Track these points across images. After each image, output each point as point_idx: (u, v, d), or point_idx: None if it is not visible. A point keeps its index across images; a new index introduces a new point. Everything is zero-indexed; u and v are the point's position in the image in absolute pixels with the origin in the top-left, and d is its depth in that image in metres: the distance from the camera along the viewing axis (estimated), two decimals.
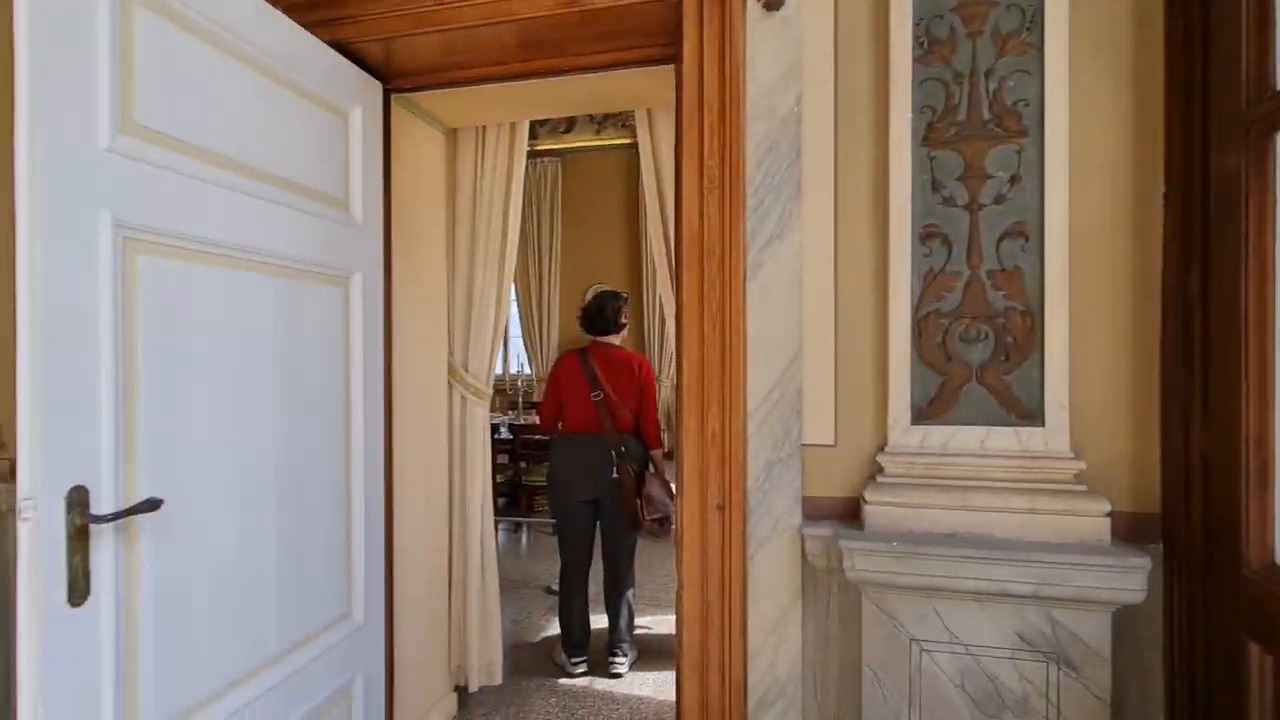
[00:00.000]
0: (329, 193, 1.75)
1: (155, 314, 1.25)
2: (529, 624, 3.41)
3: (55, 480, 1.07)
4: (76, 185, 1.10)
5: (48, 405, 1.06)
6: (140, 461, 1.21)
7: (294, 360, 1.61)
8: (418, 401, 2.32)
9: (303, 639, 1.64)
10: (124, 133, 1.19)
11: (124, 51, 1.19)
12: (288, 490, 1.58)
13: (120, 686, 1.17)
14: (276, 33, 1.56)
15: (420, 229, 2.34)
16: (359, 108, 1.85)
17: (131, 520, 1.19)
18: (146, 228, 1.23)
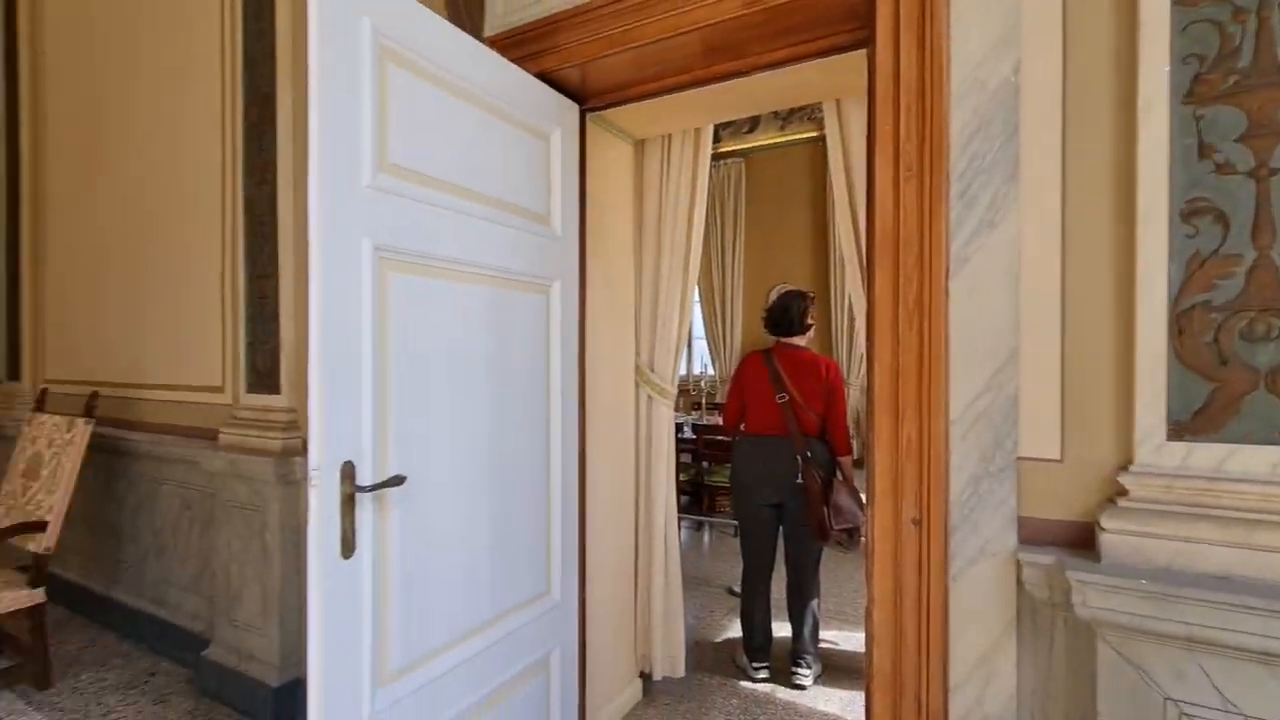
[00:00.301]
0: (533, 209, 1.94)
1: (401, 322, 1.49)
2: (711, 622, 3.45)
3: (333, 456, 1.33)
4: (348, 218, 1.36)
5: (329, 396, 1.32)
6: (390, 444, 1.46)
7: (504, 361, 1.81)
8: (607, 400, 2.47)
9: (509, 609, 1.83)
10: (381, 171, 1.43)
11: (381, 103, 1.44)
12: (498, 476, 1.78)
13: (375, 625, 1.42)
14: (492, 72, 1.77)
15: (610, 236, 2.48)
16: (559, 129, 2.02)
17: (384, 492, 1.44)
18: (396, 249, 1.47)
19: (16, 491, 3.00)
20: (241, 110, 2.71)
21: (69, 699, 2.65)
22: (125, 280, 3.39)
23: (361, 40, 1.38)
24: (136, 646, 3.12)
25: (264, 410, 2.62)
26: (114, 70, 3.45)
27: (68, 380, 3.69)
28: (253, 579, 2.55)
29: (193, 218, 3.03)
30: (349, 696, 1.35)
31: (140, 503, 3.22)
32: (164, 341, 3.20)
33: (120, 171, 3.42)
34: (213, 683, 2.63)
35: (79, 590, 3.48)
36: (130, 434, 3.22)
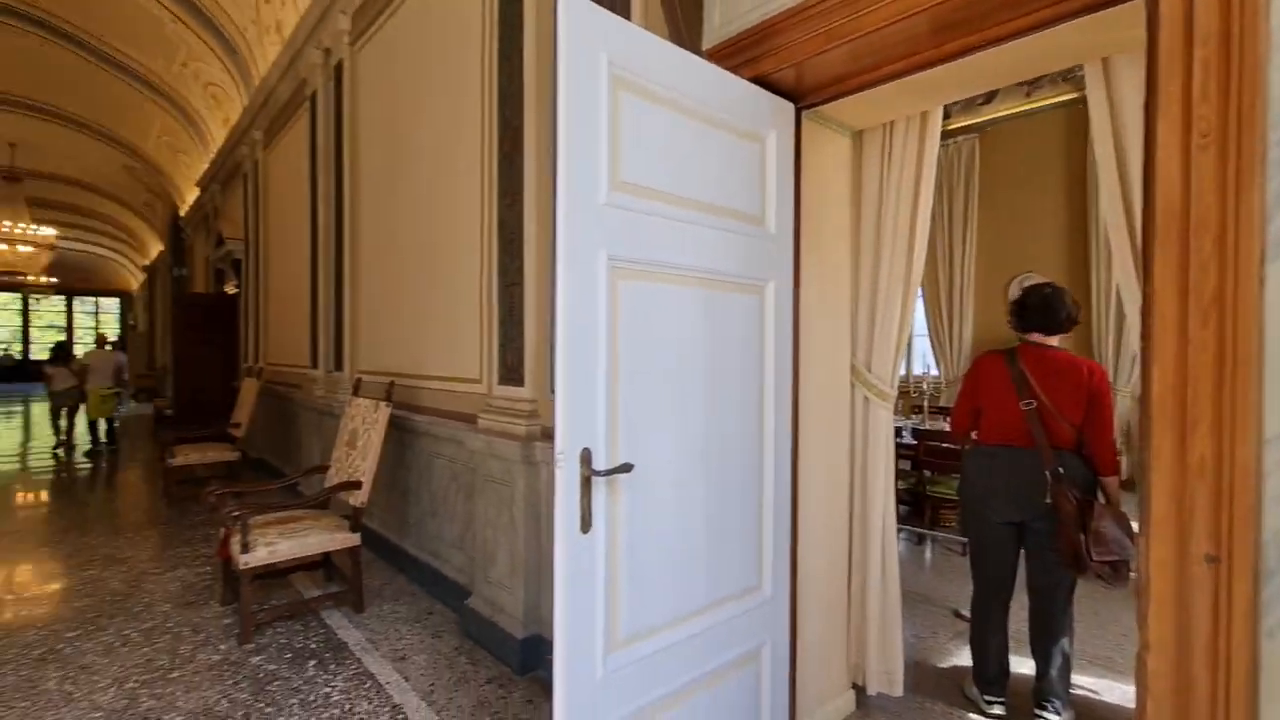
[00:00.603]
0: (748, 211, 1.98)
1: (629, 324, 1.64)
2: (934, 645, 3.18)
3: (575, 442, 1.51)
4: (587, 233, 1.54)
5: (572, 389, 1.51)
6: (619, 434, 1.61)
7: (719, 360, 1.88)
8: (820, 400, 2.42)
9: (722, 598, 1.91)
10: (614, 189, 1.59)
11: (614, 127, 1.60)
12: (713, 470, 1.87)
13: (607, 595, 1.59)
14: (708, 83, 1.85)
15: (825, 232, 2.43)
16: (773, 131, 2.04)
17: (615, 477, 1.60)
18: (625, 259, 1.62)
19: (342, 458, 3.88)
20: (496, 142, 3.18)
21: (375, 623, 3.37)
22: (412, 293, 4.18)
23: (599, 73, 1.55)
24: (419, 589, 3.83)
25: (511, 400, 3.05)
26: (406, 124, 4.27)
27: (373, 371, 4.66)
28: (503, 543, 2.98)
29: (460, 239, 3.63)
30: (586, 656, 1.54)
31: (421, 472, 3.95)
32: (438, 341, 3.89)
33: (409, 212, 4.22)
34: (473, 627, 3.14)
35: (380, 538, 4.37)
36: (414, 415, 3.96)
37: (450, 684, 2.75)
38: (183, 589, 3.82)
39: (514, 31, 3.03)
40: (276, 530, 3.31)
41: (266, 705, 2.58)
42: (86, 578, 4.01)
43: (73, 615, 3.43)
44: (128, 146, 11.48)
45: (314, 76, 5.54)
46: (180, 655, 2.99)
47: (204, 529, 5.12)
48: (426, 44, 4.01)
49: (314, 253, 5.68)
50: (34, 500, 6.26)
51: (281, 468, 6.76)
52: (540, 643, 2.83)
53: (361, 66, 4.88)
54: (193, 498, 6.03)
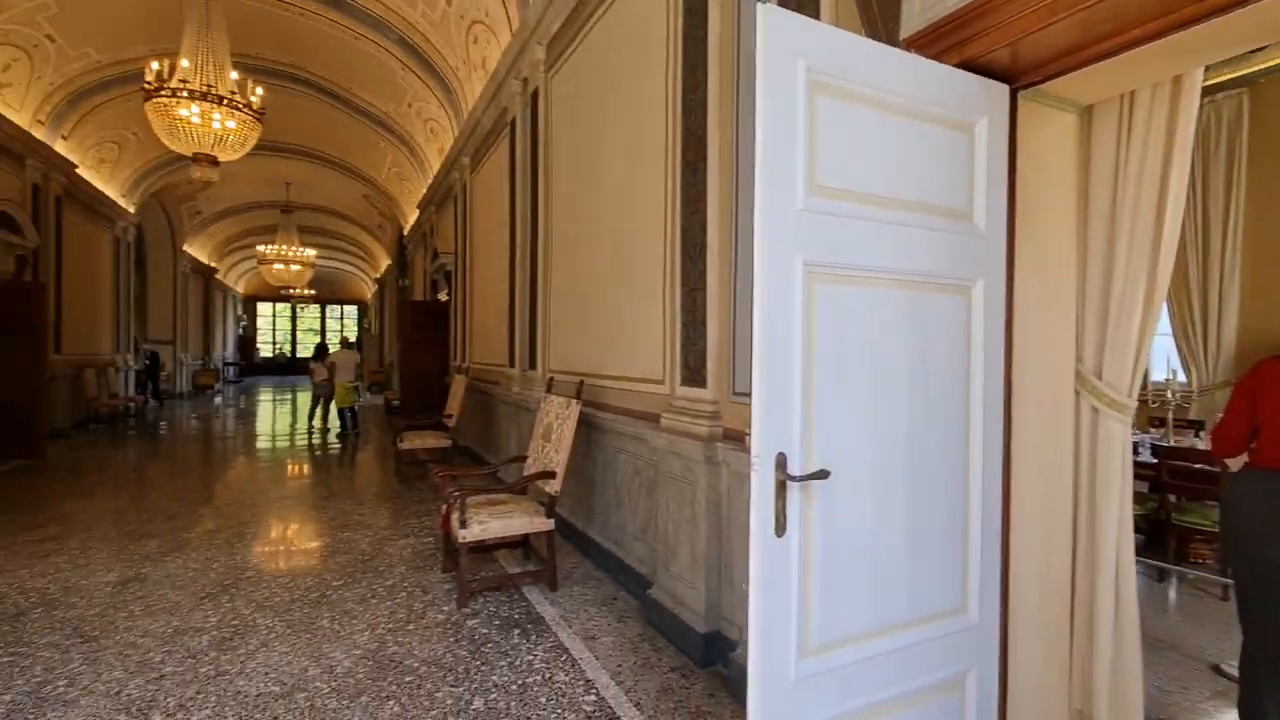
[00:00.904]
0: (953, 206, 1.85)
1: (824, 328, 1.62)
2: (1184, 703, 2.69)
3: (770, 446, 1.54)
4: (784, 240, 1.55)
5: (767, 394, 1.53)
6: (815, 440, 1.61)
7: (918, 364, 1.78)
8: (1038, 410, 2.17)
9: (920, 618, 1.80)
10: (811, 194, 1.59)
11: (811, 132, 1.59)
12: (912, 482, 1.77)
13: (800, 600, 1.59)
14: (908, 75, 1.76)
15: (1044, 223, 2.18)
16: (983, 117, 1.88)
17: (809, 483, 1.59)
18: (822, 263, 1.61)
19: (538, 449, 4.27)
20: (679, 152, 3.30)
21: (567, 602, 3.67)
22: (598, 299, 4.48)
23: (796, 81, 1.55)
24: (604, 574, 4.10)
25: (693, 401, 3.14)
26: (593, 140, 4.58)
27: (563, 370, 5.06)
28: (684, 539, 3.09)
29: (643, 247, 3.82)
30: (779, 657, 1.56)
31: (606, 465, 4.21)
32: (622, 344, 4.12)
33: (596, 223, 4.52)
34: (655, 617, 3.29)
35: (568, 525, 4.75)
36: (599, 413, 4.23)
37: (636, 667, 2.91)
38: (413, 554, 4.48)
39: (698, 46, 3.12)
40: (487, 511, 3.75)
41: (481, 664, 2.93)
42: (342, 538, 4.86)
43: (335, 569, 4.19)
44: (366, 179, 13.66)
45: (513, 104, 6.15)
46: (414, 611, 3.51)
47: (426, 504, 5.94)
48: (612, 65, 4.27)
49: (511, 263, 6.31)
50: (300, 472, 7.72)
51: (484, 455, 7.61)
52: (721, 639, 2.89)
53: (555, 91, 5.33)
54: (417, 476, 7.04)
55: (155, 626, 3.28)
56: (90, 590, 3.75)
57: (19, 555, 4.37)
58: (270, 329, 28.83)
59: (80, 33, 7.92)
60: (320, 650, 3.05)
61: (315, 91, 10.00)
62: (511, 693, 2.68)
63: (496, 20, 6.41)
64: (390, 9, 7.52)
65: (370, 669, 2.87)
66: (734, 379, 2.94)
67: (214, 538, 4.86)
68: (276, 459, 8.70)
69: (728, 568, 2.91)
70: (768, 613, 1.54)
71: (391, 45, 8.17)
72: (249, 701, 2.59)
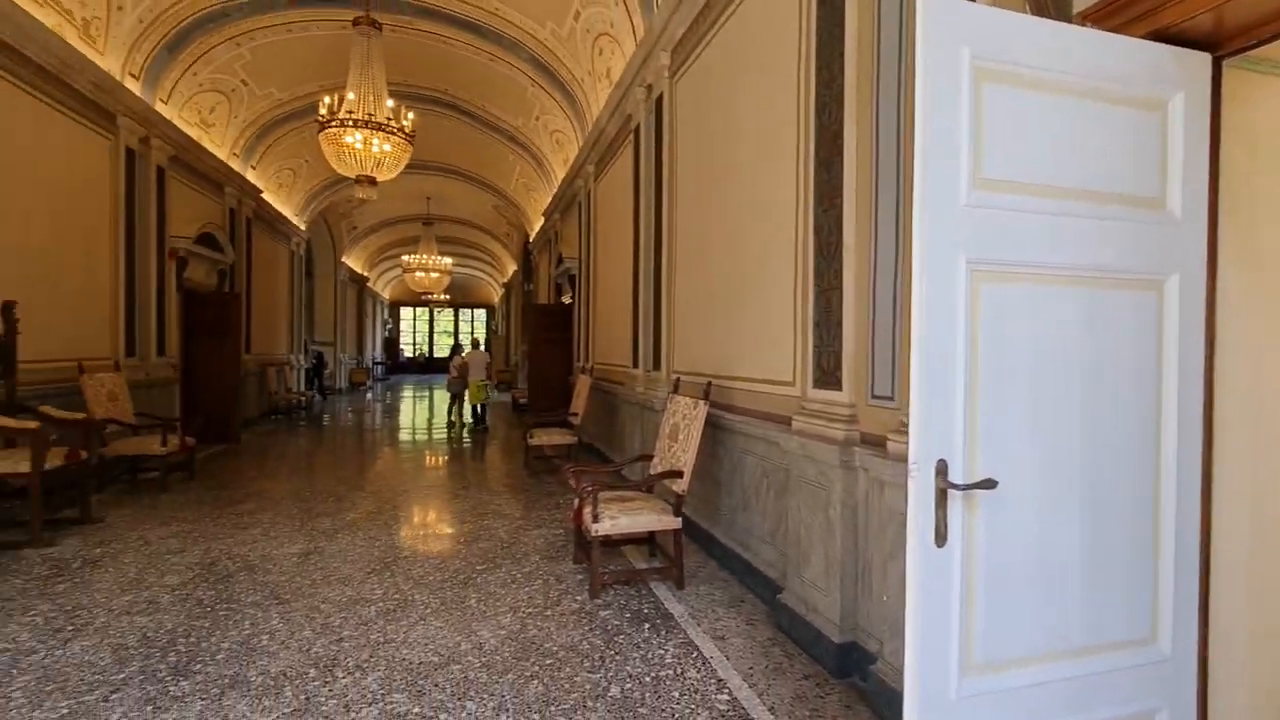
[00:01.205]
0: (1140, 194, 1.68)
1: (988, 329, 1.53)
2: None
3: (929, 453, 1.48)
4: (945, 238, 1.49)
5: (927, 399, 1.48)
6: (978, 447, 1.52)
7: (1096, 366, 1.63)
8: (1244, 418, 1.90)
9: (1100, 645, 1.65)
10: (975, 188, 1.51)
11: (976, 123, 1.51)
12: (1090, 496, 1.63)
13: (962, 615, 1.51)
14: (1085, 52, 1.61)
15: (1255, 207, 1.90)
16: (1179, 92, 1.69)
17: (972, 493, 1.51)
18: (987, 260, 1.52)
19: (664, 448, 4.35)
20: (813, 149, 3.23)
21: (694, 600, 3.71)
22: (724, 299, 4.48)
23: (960, 70, 1.48)
24: (730, 575, 4.10)
25: (827, 404, 3.06)
26: (719, 141, 4.60)
27: (687, 371, 5.12)
28: (818, 545, 3.02)
29: (772, 246, 3.78)
30: (938, 673, 1.49)
31: (733, 466, 4.21)
32: (749, 344, 4.10)
33: (721, 223, 4.53)
34: (785, 621, 3.24)
35: (692, 524, 4.79)
36: (726, 414, 4.24)
37: (768, 671, 2.89)
38: (546, 544, 4.73)
39: (834, 40, 3.04)
40: (617, 506, 3.88)
41: (615, 654, 3.05)
42: (482, 526, 5.23)
43: (478, 554, 4.52)
44: (496, 190, 14.57)
45: (637, 111, 6.31)
46: (550, 598, 3.71)
47: (555, 497, 6.25)
48: (738, 66, 4.26)
49: (635, 267, 6.47)
50: (439, 463, 8.39)
51: (606, 452, 7.86)
52: (858, 651, 2.79)
53: (679, 95, 5.40)
54: (545, 471, 7.41)
55: (333, 594, 3.72)
56: (280, 559, 4.33)
57: (226, 526, 5.12)
58: (411, 331, 31.56)
59: (266, 76, 9.13)
60: (470, 627, 3.31)
61: (454, 112, 10.82)
62: (645, 684, 2.76)
63: (621, 31, 6.60)
64: (524, 30, 7.98)
65: (514, 649, 3.08)
66: (872, 382, 2.84)
67: (374, 519, 5.42)
68: (419, 449, 9.52)
69: (866, 577, 2.81)
70: (926, 625, 1.48)
71: (522, 63, 8.67)
72: (412, 668, 2.87)
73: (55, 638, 3.11)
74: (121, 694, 2.62)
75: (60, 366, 6.05)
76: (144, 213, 7.68)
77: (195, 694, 2.63)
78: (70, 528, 4.93)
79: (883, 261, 2.78)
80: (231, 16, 7.57)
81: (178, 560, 4.28)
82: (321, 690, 2.68)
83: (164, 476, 6.31)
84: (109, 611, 3.43)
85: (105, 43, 6.65)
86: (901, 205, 2.67)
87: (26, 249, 5.74)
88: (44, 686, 2.67)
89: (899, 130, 2.68)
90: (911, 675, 1.48)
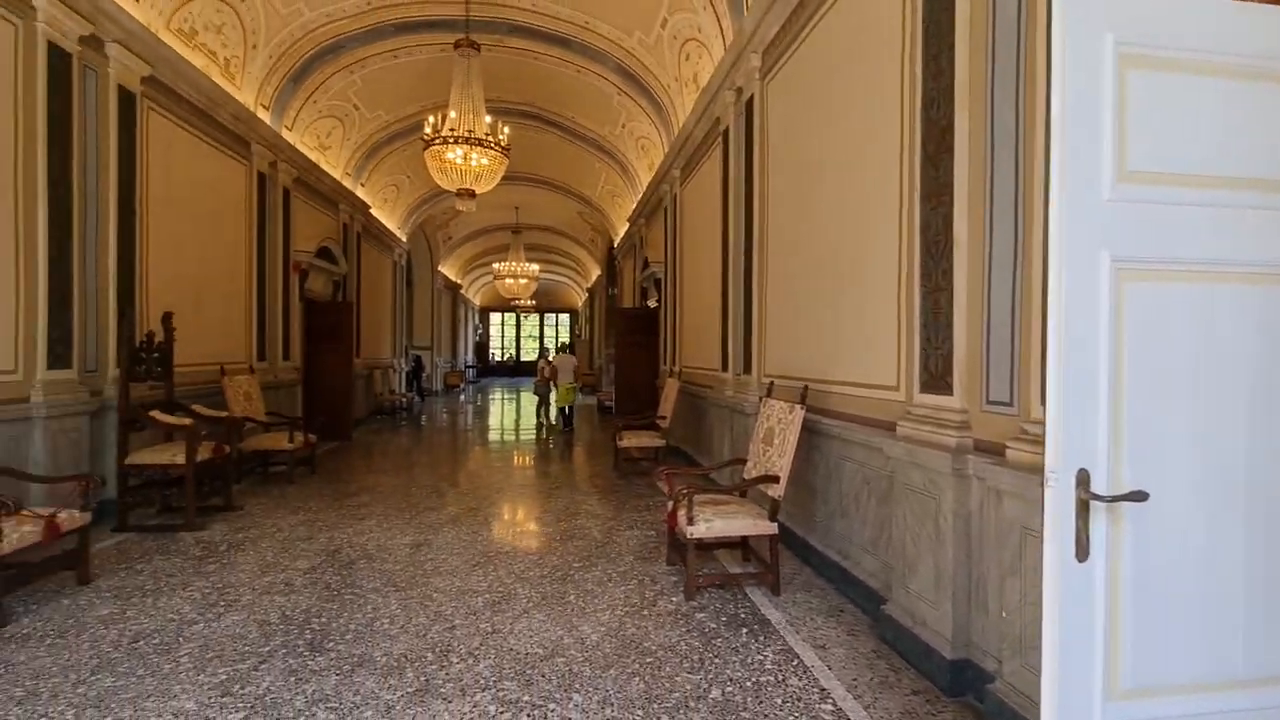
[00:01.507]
0: None
1: (1136, 331, 1.44)
2: None
3: (1069, 462, 1.40)
4: (1085, 236, 1.41)
5: (1065, 405, 1.40)
6: (1123, 457, 1.43)
7: (1268, 370, 1.49)
8: None
9: (1271, 677, 1.50)
10: (1119, 182, 1.42)
11: (1119, 113, 1.42)
12: (1258, 512, 1.49)
13: (1106, 635, 1.42)
14: (1251, 24, 1.48)
15: None
16: None
17: (1117, 505, 1.42)
18: (1133, 258, 1.43)
19: (758, 453, 4.32)
20: (919, 145, 3.12)
21: (791, 608, 3.66)
22: (819, 302, 4.40)
23: (1102, 58, 1.40)
24: (827, 583, 4.01)
25: (936, 410, 2.94)
26: (814, 140, 4.52)
27: (779, 375, 5.05)
28: (926, 556, 2.91)
29: (872, 246, 3.67)
30: (1080, 697, 1.41)
31: (830, 473, 4.12)
32: (846, 347, 4.00)
33: (816, 224, 4.45)
34: (890, 634, 3.14)
35: (787, 530, 4.72)
36: (822, 419, 4.15)
37: (873, 684, 2.81)
38: (638, 545, 4.81)
39: (942, 31, 2.93)
40: (711, 510, 3.89)
41: (714, 656, 3.06)
42: (576, 525, 5.38)
43: (574, 552, 4.65)
44: (582, 198, 14.94)
45: (726, 114, 6.30)
46: (645, 598, 3.77)
47: (644, 498, 6.33)
48: (834, 63, 4.18)
49: (724, 270, 6.46)
50: (530, 463, 8.69)
51: (693, 455, 7.87)
52: (972, 669, 2.67)
53: (770, 96, 5.36)
54: (634, 473, 7.52)
55: (443, 584, 3.95)
56: (394, 549, 4.64)
57: (345, 517, 5.55)
58: (499, 335, 32.86)
59: (375, 100, 9.82)
60: (571, 622, 3.42)
61: (542, 124, 11.21)
62: (747, 689, 2.76)
63: (709, 36, 6.62)
64: (611, 41, 8.16)
65: (615, 645, 3.15)
66: (987, 387, 2.70)
67: (474, 515, 5.70)
68: (511, 449, 9.91)
69: (980, 591, 2.67)
70: (1065, 645, 1.41)
71: (609, 73, 8.86)
72: (520, 658, 3.01)
73: (211, 611, 3.49)
74: (269, 665, 2.91)
75: (205, 370, 6.76)
76: (272, 230, 8.46)
77: (330, 669, 2.88)
78: (216, 514, 5.51)
79: (998, 260, 2.65)
80: (346, 47, 8.21)
81: (306, 546, 4.68)
82: (439, 673, 2.85)
83: (291, 470, 6.92)
84: (253, 590, 3.81)
85: (242, 78, 7.40)
86: (1021, 202, 2.53)
87: (181, 266, 6.47)
88: (205, 654, 3.00)
89: (1018, 124, 2.55)
90: (1049, 698, 1.41)
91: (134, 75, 5.58)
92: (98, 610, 3.49)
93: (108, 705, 2.56)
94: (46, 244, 4.71)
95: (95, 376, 5.30)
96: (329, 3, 7.38)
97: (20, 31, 4.54)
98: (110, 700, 2.60)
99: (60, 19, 4.73)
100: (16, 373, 4.57)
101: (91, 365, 5.28)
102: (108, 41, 5.24)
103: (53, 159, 4.76)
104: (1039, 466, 2.25)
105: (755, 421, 4.58)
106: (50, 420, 4.68)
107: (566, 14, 7.91)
